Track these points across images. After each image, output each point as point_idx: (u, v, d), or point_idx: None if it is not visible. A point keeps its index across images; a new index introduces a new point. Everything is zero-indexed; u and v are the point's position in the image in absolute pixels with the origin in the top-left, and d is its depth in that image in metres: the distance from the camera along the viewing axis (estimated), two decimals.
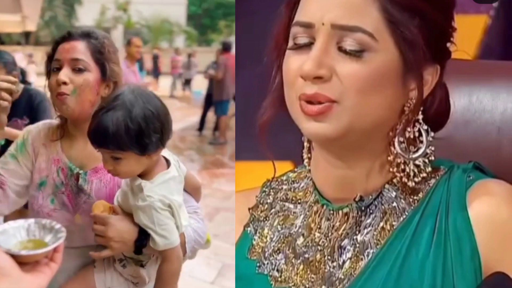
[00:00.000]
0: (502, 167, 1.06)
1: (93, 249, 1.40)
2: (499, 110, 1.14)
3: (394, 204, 1.01)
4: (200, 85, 12.16)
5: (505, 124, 1.14)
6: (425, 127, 1.00)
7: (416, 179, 1.00)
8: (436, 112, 1.01)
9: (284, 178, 1.13)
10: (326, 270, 1.02)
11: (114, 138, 1.23)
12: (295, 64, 0.97)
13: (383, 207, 1.01)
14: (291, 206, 1.09)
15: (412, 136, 0.99)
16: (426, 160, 1.00)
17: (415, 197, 1.01)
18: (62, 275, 1.43)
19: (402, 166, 1.00)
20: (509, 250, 0.94)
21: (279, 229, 1.09)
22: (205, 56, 16.79)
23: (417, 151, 1.00)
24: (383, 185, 1.02)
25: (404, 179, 1.00)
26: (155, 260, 1.45)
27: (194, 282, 3.75)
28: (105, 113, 1.25)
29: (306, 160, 1.09)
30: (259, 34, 1.05)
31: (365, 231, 1.01)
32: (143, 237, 1.33)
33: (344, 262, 1.01)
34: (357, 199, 1.01)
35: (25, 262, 0.93)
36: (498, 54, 1.98)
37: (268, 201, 1.12)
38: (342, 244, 1.02)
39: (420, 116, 0.99)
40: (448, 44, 1.01)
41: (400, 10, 0.94)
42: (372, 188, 1.02)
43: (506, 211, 0.95)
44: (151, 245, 1.32)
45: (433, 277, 0.94)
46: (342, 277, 1.01)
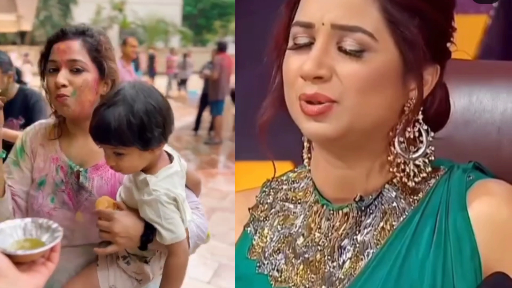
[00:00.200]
0: (502, 167, 1.06)
1: (95, 247, 1.39)
2: (499, 110, 1.14)
3: (394, 204, 1.01)
4: (196, 85, 12.15)
5: (505, 124, 1.14)
6: (425, 127, 0.99)
7: (416, 179, 1.00)
8: (436, 112, 1.01)
9: (284, 178, 1.13)
10: (326, 270, 1.02)
11: (117, 134, 1.22)
12: (295, 64, 0.97)
13: (383, 207, 1.01)
14: (291, 206, 1.09)
15: (412, 136, 0.99)
16: (426, 160, 1.00)
17: (415, 197, 1.01)
18: (64, 274, 1.43)
19: (402, 166, 1.00)
20: (509, 250, 0.94)
21: (279, 229, 1.08)
22: (200, 56, 16.80)
23: (417, 151, 1.00)
24: (383, 185, 1.02)
25: (404, 179, 1.00)
26: (159, 256, 1.44)
27: (190, 282, 3.72)
28: (107, 109, 1.24)
29: (306, 160, 1.09)
30: (259, 34, 1.05)
31: (365, 231, 1.01)
32: (149, 232, 1.32)
33: (344, 262, 1.01)
34: (357, 199, 1.01)
35: (22, 262, 0.93)
36: (498, 54, 1.98)
37: (268, 201, 1.12)
38: (342, 244, 1.02)
39: (420, 116, 0.99)
40: (448, 44, 1.01)
41: (400, 10, 0.94)
42: (372, 188, 1.02)
43: (506, 211, 0.95)
44: (158, 240, 1.31)
45: (433, 277, 0.94)
46: (342, 277, 1.01)
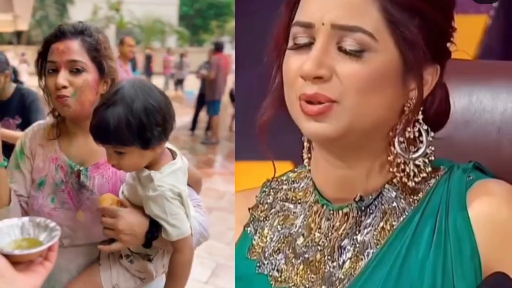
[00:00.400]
0: (502, 167, 1.06)
1: (96, 246, 1.38)
2: (499, 110, 1.14)
3: (394, 204, 1.01)
4: (192, 85, 12.13)
5: (505, 124, 1.14)
6: (425, 127, 0.99)
7: (416, 179, 1.00)
8: (436, 112, 1.01)
9: (284, 178, 1.13)
10: (326, 270, 1.02)
11: (116, 134, 1.22)
12: (295, 64, 0.97)
13: (383, 207, 1.01)
14: (291, 206, 1.09)
15: (412, 136, 0.99)
16: (426, 160, 1.00)
17: (415, 197, 1.01)
18: (66, 274, 1.42)
19: (402, 166, 1.00)
20: (509, 250, 0.94)
21: (279, 229, 1.08)
22: (197, 56, 16.79)
23: (417, 151, 1.00)
24: (383, 185, 1.02)
25: (404, 179, 1.00)
26: (162, 254, 1.43)
27: (188, 282, 3.73)
28: (106, 109, 1.23)
29: (306, 160, 1.09)
30: (259, 34, 1.05)
31: (365, 231, 1.01)
32: (154, 229, 1.31)
33: (344, 262, 1.01)
34: (357, 199, 1.01)
35: (19, 262, 0.92)
36: (498, 54, 1.98)
37: (268, 201, 1.12)
38: (342, 244, 1.02)
39: (420, 116, 0.99)
40: (448, 44, 1.01)
41: (400, 10, 0.94)
42: (372, 188, 1.02)
43: (506, 211, 0.95)
44: (164, 236, 1.30)
45: (433, 277, 0.94)
46: (342, 277, 1.00)
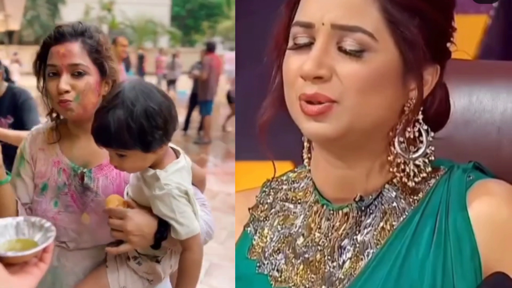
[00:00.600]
0: (502, 167, 1.06)
1: (103, 249, 1.37)
2: (499, 110, 1.14)
3: (394, 204, 1.01)
4: (185, 85, 12.08)
5: (505, 124, 1.14)
6: (425, 127, 1.00)
7: (416, 179, 1.00)
8: (436, 112, 1.01)
9: (284, 178, 1.13)
10: (326, 270, 1.02)
11: (117, 137, 1.21)
12: (295, 64, 0.97)
13: (383, 207, 1.01)
14: (291, 206, 1.09)
15: (412, 136, 0.99)
16: (426, 160, 1.00)
17: (415, 197, 1.01)
18: (72, 277, 1.41)
19: (402, 166, 1.00)
20: (509, 250, 0.94)
21: (279, 229, 1.08)
22: (189, 57, 16.76)
23: (417, 151, 1.00)
24: (383, 185, 1.02)
25: (404, 179, 1.00)
26: (169, 255, 1.42)
27: None
28: (107, 112, 1.23)
29: (306, 160, 1.09)
30: (259, 34, 1.05)
31: (365, 231, 1.01)
32: (163, 229, 1.30)
33: (344, 262, 1.01)
34: (357, 199, 1.01)
35: (13, 263, 0.91)
36: (498, 54, 1.98)
37: (268, 201, 1.12)
38: (342, 244, 1.02)
39: (420, 116, 0.99)
40: (448, 44, 1.01)
41: (400, 10, 0.94)
42: (372, 188, 1.02)
43: (506, 211, 0.95)
44: (173, 236, 1.29)
45: (433, 277, 0.94)
46: (342, 277, 1.00)
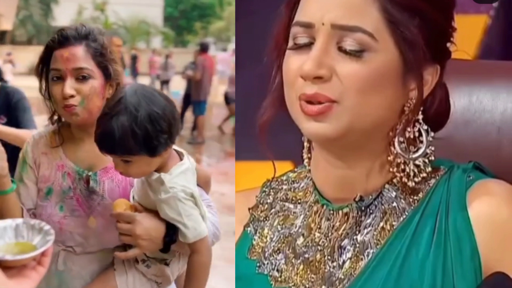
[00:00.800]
0: (502, 167, 1.06)
1: (110, 252, 1.37)
2: (499, 110, 1.14)
3: (394, 204, 1.01)
4: (178, 86, 12.06)
5: (505, 124, 1.14)
6: (425, 127, 0.99)
7: (416, 179, 1.00)
8: (436, 112, 1.01)
9: (284, 178, 1.13)
10: (326, 270, 1.02)
11: (122, 144, 1.20)
12: (295, 64, 0.97)
13: (383, 207, 1.01)
14: (291, 206, 1.09)
15: (412, 136, 0.99)
16: (426, 160, 1.00)
17: (415, 197, 1.01)
18: (79, 281, 1.40)
19: (402, 166, 1.00)
20: (509, 250, 0.94)
21: (279, 229, 1.08)
22: (182, 57, 16.71)
23: (417, 151, 0.99)
24: (383, 185, 1.02)
25: (404, 179, 1.00)
26: (178, 257, 1.41)
27: None
28: (110, 119, 1.21)
29: (306, 160, 1.09)
30: (259, 34, 1.05)
31: (365, 231, 1.01)
32: (172, 232, 1.29)
33: (344, 262, 1.01)
34: (357, 199, 1.01)
35: (11, 267, 0.90)
36: (498, 54, 1.97)
37: (268, 201, 1.12)
38: (342, 244, 1.02)
39: (420, 116, 0.99)
40: (448, 44, 1.01)
41: (400, 10, 0.94)
42: (372, 188, 1.02)
43: (506, 211, 0.95)
44: (181, 239, 1.29)
45: (433, 277, 0.94)
46: (342, 277, 1.00)
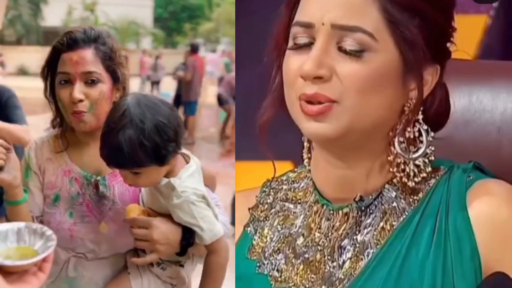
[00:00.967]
0: (502, 167, 1.06)
1: (122, 256, 1.37)
2: (499, 110, 1.14)
3: (394, 204, 1.01)
4: (168, 87, 12.05)
5: (505, 124, 1.13)
6: (425, 127, 0.99)
7: (416, 179, 1.00)
8: (436, 112, 1.01)
9: (284, 178, 1.13)
10: (326, 270, 1.02)
11: (131, 158, 1.20)
12: (295, 64, 0.97)
13: (383, 207, 1.01)
14: (291, 206, 1.09)
15: (412, 136, 0.99)
16: (426, 160, 1.00)
17: (415, 197, 1.01)
18: (92, 286, 1.39)
19: (402, 166, 1.00)
20: (509, 250, 0.94)
21: (279, 229, 1.08)
22: (171, 58, 16.71)
23: (417, 151, 0.99)
24: (383, 185, 1.02)
25: (404, 179, 1.00)
26: (192, 259, 1.40)
27: None
28: (116, 134, 1.20)
29: (306, 160, 1.09)
30: (259, 34, 1.05)
31: (365, 231, 1.01)
32: (188, 236, 1.29)
33: (344, 262, 1.01)
34: (357, 199, 1.01)
35: (11, 272, 0.89)
36: (498, 54, 1.98)
37: (268, 201, 1.11)
38: (342, 244, 1.02)
39: (420, 116, 0.99)
40: (448, 44, 1.01)
41: (400, 10, 0.94)
42: (372, 188, 1.02)
43: (506, 211, 0.95)
44: (198, 241, 1.29)
45: (433, 277, 0.94)
46: (342, 277, 1.00)
